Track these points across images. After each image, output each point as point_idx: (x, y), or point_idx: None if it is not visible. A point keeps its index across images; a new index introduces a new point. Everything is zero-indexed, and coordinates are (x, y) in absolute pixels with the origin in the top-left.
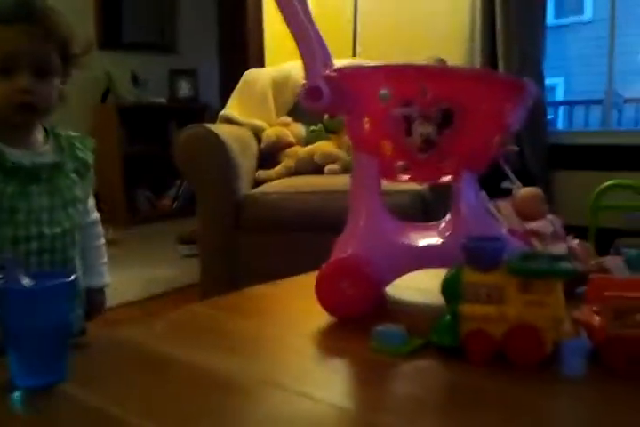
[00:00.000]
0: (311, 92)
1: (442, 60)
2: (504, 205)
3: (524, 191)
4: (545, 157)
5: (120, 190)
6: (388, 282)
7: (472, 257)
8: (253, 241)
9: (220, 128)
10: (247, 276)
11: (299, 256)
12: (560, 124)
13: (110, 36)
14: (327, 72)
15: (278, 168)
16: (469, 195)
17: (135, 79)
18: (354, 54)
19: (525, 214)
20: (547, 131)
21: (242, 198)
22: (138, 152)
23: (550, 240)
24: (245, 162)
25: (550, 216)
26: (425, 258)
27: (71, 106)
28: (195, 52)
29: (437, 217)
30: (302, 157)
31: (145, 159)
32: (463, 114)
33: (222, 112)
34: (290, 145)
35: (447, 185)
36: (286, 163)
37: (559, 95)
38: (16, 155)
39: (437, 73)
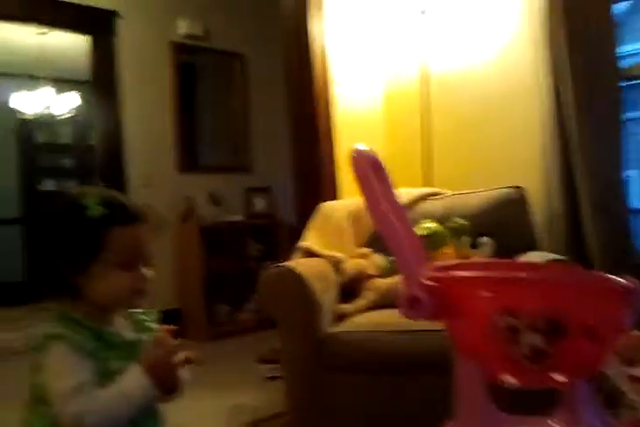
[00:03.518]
0: (410, 301)
1: (561, 259)
2: None
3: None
4: None
5: (201, 305)
6: None
7: None
8: (338, 382)
9: (301, 264)
10: (334, 414)
11: (386, 398)
12: None
13: (188, 160)
14: (426, 280)
15: (360, 302)
16: (585, 405)
17: (213, 199)
18: (427, 185)
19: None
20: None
21: (324, 337)
22: (217, 268)
23: None
24: (326, 297)
25: None
26: None
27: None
28: (269, 169)
29: None
30: (384, 289)
31: (224, 274)
32: (575, 325)
33: (301, 244)
34: (370, 277)
35: None
36: (367, 296)
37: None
38: (112, 332)
39: (545, 283)
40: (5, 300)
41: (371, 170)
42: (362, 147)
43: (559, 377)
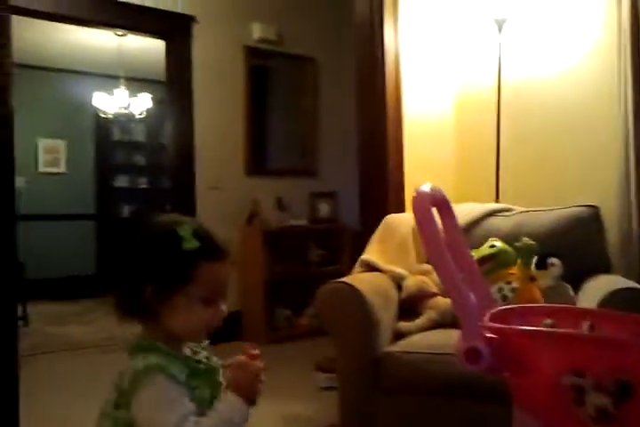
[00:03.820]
0: (469, 353)
1: (632, 287)
2: None
3: None
4: None
5: (261, 309)
6: None
7: None
8: (393, 402)
9: (361, 280)
10: None
11: (440, 424)
12: None
13: (257, 164)
14: (486, 331)
15: (420, 321)
16: None
17: (279, 203)
18: (497, 198)
19: None
20: None
21: (382, 356)
22: (279, 272)
23: None
24: (385, 314)
25: None
26: None
27: (220, 227)
28: (335, 175)
29: None
30: (445, 308)
31: (285, 279)
32: None
33: (363, 257)
34: (432, 295)
35: None
36: (428, 315)
37: None
38: (195, 360)
39: (614, 341)
40: (78, 292)
41: (431, 212)
42: (426, 187)
43: None
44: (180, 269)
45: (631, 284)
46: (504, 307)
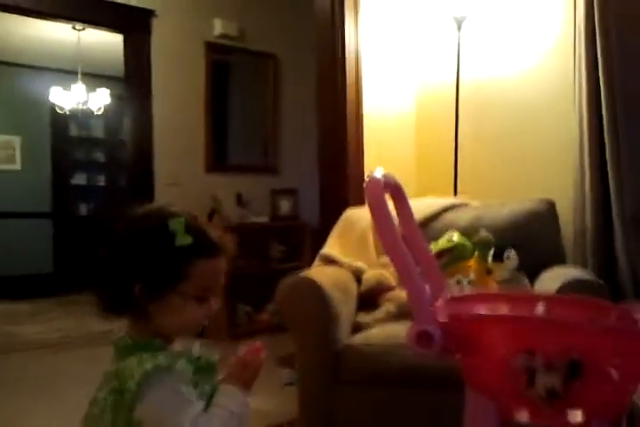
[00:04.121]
0: (420, 336)
1: (585, 279)
2: None
3: None
4: None
5: (222, 306)
6: None
7: None
8: (353, 394)
9: (320, 273)
10: (345, 426)
11: (402, 413)
12: None
13: (217, 160)
14: (438, 315)
15: (379, 313)
16: None
17: (239, 200)
18: (455, 192)
19: None
20: None
21: (341, 349)
22: (240, 267)
23: None
24: (345, 307)
25: None
26: None
27: None
28: (296, 172)
29: None
30: (403, 301)
31: (246, 275)
32: (593, 365)
33: (322, 251)
34: (390, 288)
35: None
36: (387, 308)
37: None
38: (195, 355)
39: (564, 322)
40: (35, 292)
41: (384, 199)
42: (379, 172)
43: (575, 418)
44: (172, 266)
45: (585, 275)
46: (457, 295)
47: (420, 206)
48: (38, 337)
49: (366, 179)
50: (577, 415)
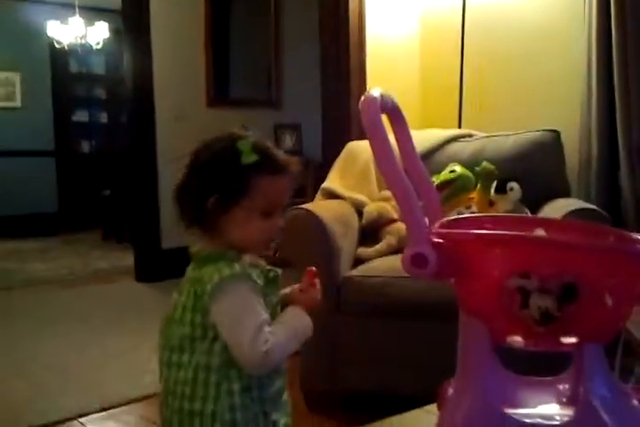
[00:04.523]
0: (415, 258)
1: (588, 208)
2: None
3: None
4: None
5: None
6: None
7: None
8: (354, 325)
9: (321, 207)
10: (347, 360)
11: (400, 343)
12: None
13: (219, 94)
14: (433, 236)
15: (380, 246)
16: (594, 369)
17: None
18: (459, 124)
19: None
20: None
21: (341, 281)
22: None
23: None
24: (346, 241)
25: None
26: None
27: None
28: (299, 106)
29: None
30: (404, 234)
31: None
32: (588, 288)
33: (324, 185)
34: (392, 221)
35: None
36: (388, 240)
37: None
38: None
39: (561, 244)
40: (39, 231)
41: (380, 118)
42: (376, 92)
43: (568, 341)
44: (238, 182)
45: (588, 205)
46: (454, 217)
47: (423, 138)
48: (45, 274)
49: (362, 98)
50: (569, 339)
